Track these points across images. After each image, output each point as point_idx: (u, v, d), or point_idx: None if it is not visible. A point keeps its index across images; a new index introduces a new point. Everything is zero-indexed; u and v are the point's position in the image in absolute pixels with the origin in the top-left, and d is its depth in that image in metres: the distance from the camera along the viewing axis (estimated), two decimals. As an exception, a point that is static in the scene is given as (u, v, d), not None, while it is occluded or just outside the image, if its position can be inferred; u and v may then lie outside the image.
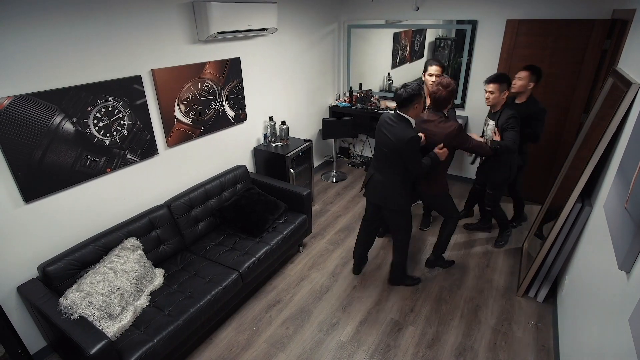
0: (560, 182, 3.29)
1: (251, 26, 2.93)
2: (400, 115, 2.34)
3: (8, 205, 1.97)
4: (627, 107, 1.96)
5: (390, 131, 2.35)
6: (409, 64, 4.39)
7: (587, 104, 3.41)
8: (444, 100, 2.37)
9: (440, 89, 2.34)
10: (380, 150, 2.47)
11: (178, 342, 2.10)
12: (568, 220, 2.35)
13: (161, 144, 2.69)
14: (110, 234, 2.33)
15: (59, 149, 2.10)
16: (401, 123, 2.33)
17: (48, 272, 2.05)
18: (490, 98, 2.75)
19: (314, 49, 4.18)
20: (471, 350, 2.31)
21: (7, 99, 1.83)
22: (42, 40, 1.94)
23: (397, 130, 2.30)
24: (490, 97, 2.74)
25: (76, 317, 1.86)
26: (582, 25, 3.19)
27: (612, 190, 1.85)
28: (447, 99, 2.36)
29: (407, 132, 2.27)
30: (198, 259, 2.61)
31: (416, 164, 2.35)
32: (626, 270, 1.45)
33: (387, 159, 2.41)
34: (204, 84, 2.87)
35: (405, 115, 2.33)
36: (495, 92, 2.70)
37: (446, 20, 3.91)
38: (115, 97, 2.31)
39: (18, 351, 1.78)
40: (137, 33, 2.37)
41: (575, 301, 2.12)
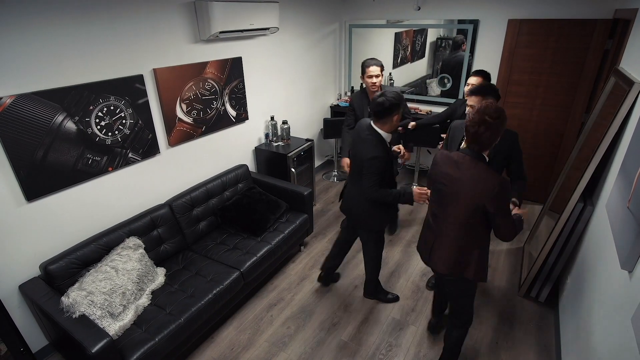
0: (561, 182, 3.28)
1: (253, 26, 2.93)
2: (374, 129, 2.10)
3: (10, 203, 1.97)
4: (630, 107, 1.95)
5: (361, 143, 2.14)
6: (410, 64, 4.38)
7: (588, 104, 3.40)
8: (490, 137, 1.57)
9: (486, 119, 1.53)
10: (354, 163, 2.27)
11: (179, 341, 2.10)
12: (570, 220, 2.34)
13: (163, 143, 2.70)
14: (112, 233, 2.33)
15: (61, 148, 2.10)
16: (372, 138, 2.08)
17: (50, 270, 2.06)
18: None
19: (316, 48, 4.18)
20: (473, 350, 2.31)
21: (9, 98, 1.84)
22: (44, 39, 1.94)
23: (365, 146, 2.09)
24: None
25: (78, 315, 1.86)
26: (584, 25, 3.19)
27: (614, 189, 1.84)
28: (496, 134, 1.57)
29: (371, 151, 2.05)
30: (199, 258, 2.61)
31: (369, 187, 2.10)
32: (629, 270, 1.44)
33: (359, 172, 2.18)
34: (205, 83, 2.87)
35: (380, 130, 2.09)
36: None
37: (447, 20, 3.90)
38: (117, 97, 2.31)
39: (20, 349, 1.78)
40: (139, 32, 2.37)
41: (577, 301, 2.11)
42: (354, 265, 3.08)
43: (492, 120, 1.54)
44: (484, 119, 1.54)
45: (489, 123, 1.54)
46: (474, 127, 1.55)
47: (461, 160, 1.65)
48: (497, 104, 1.66)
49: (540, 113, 3.64)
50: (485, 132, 1.54)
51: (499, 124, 1.55)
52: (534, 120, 3.68)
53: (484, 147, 1.61)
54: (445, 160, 1.73)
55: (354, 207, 2.34)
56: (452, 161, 1.69)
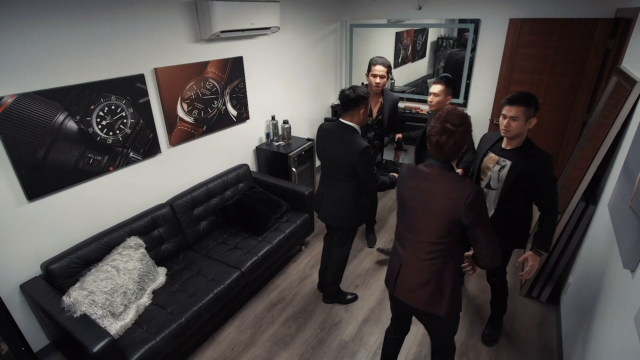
0: (563, 182, 3.28)
1: (254, 25, 2.93)
2: (345, 123, 2.10)
3: (11, 203, 1.97)
4: (632, 106, 1.95)
5: (338, 143, 2.11)
6: (411, 64, 4.38)
7: (590, 104, 3.39)
8: (454, 147, 1.43)
9: (448, 127, 1.40)
10: (331, 166, 2.22)
11: (180, 341, 2.10)
12: (572, 219, 2.34)
13: (164, 143, 2.69)
14: (113, 233, 2.33)
15: (62, 147, 2.10)
16: (349, 132, 2.08)
17: (51, 270, 2.06)
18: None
19: (316, 48, 4.18)
20: (474, 349, 2.30)
21: (11, 97, 1.84)
22: (45, 39, 1.94)
23: (348, 141, 2.06)
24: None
25: (79, 315, 1.86)
26: (585, 24, 3.18)
27: (616, 188, 1.84)
28: (461, 143, 1.43)
29: (360, 142, 2.04)
30: (200, 257, 2.61)
31: (373, 177, 2.10)
32: (631, 269, 1.44)
33: (341, 174, 2.17)
34: (206, 82, 2.87)
35: (350, 123, 2.09)
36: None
37: (448, 20, 3.90)
38: (118, 96, 2.31)
39: (21, 349, 1.78)
40: (140, 32, 2.37)
41: (579, 300, 2.11)
42: (355, 265, 3.08)
43: (454, 128, 1.40)
44: (445, 127, 1.40)
45: (451, 131, 1.40)
46: (436, 135, 1.42)
47: (429, 171, 1.50)
48: (459, 109, 1.47)
49: (542, 113, 3.56)
50: (448, 141, 1.40)
51: (462, 132, 1.41)
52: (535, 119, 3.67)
53: (449, 157, 1.46)
54: (413, 174, 1.55)
55: (336, 210, 2.29)
56: (419, 173, 1.52)
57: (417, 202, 1.51)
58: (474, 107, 4.05)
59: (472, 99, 4.03)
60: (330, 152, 2.19)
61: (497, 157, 1.92)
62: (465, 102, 4.07)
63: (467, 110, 4.10)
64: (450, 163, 1.49)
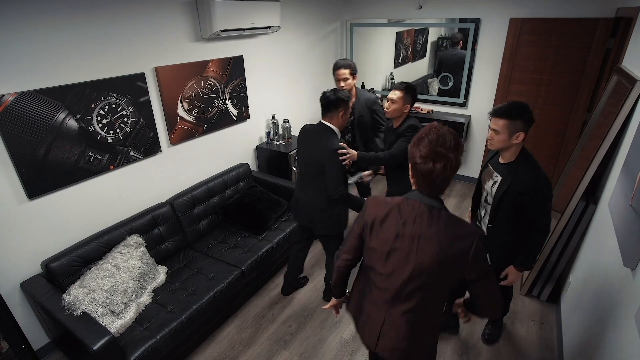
0: (563, 181, 3.28)
1: (254, 24, 2.93)
2: (324, 124, 2.10)
3: (12, 201, 1.97)
4: (632, 104, 1.95)
5: (313, 143, 2.10)
6: (411, 64, 4.38)
7: (590, 103, 3.39)
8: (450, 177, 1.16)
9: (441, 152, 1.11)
10: (305, 167, 2.21)
11: (181, 339, 2.10)
12: (572, 218, 2.34)
13: (164, 142, 2.69)
14: (113, 231, 2.33)
15: (63, 146, 2.10)
16: (327, 133, 2.08)
17: (51, 268, 2.06)
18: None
19: (317, 47, 4.18)
20: (474, 348, 2.30)
21: (11, 96, 1.84)
22: (46, 37, 1.94)
23: (321, 141, 2.06)
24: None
25: (79, 313, 1.87)
26: (585, 23, 3.18)
27: (617, 187, 1.84)
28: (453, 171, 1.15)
29: (333, 142, 2.03)
30: (201, 256, 2.61)
31: (336, 181, 2.04)
32: (632, 267, 1.44)
33: (313, 176, 2.14)
34: (207, 82, 2.87)
35: (329, 124, 2.09)
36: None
37: (449, 19, 3.90)
38: (119, 95, 2.31)
39: (22, 347, 1.78)
40: (141, 31, 2.37)
41: (579, 299, 2.11)
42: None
43: (448, 152, 1.10)
44: (437, 152, 1.09)
45: (445, 157, 1.09)
46: (425, 163, 1.11)
47: (411, 210, 1.18)
48: (448, 128, 1.16)
49: (542, 112, 3.63)
50: (444, 171, 1.10)
51: (457, 158, 1.12)
52: (536, 119, 3.66)
53: (440, 190, 1.18)
54: (385, 211, 1.22)
55: (316, 213, 2.22)
56: (396, 212, 1.20)
57: (396, 251, 1.20)
58: (474, 107, 4.05)
59: (472, 98, 4.03)
60: (304, 153, 2.18)
61: (493, 170, 1.81)
62: (466, 102, 4.07)
63: (467, 110, 4.10)
64: (440, 198, 1.20)
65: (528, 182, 1.64)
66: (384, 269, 1.26)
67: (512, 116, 1.62)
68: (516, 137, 1.64)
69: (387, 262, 1.24)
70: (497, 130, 1.66)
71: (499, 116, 1.64)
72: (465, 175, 4.40)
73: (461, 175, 4.42)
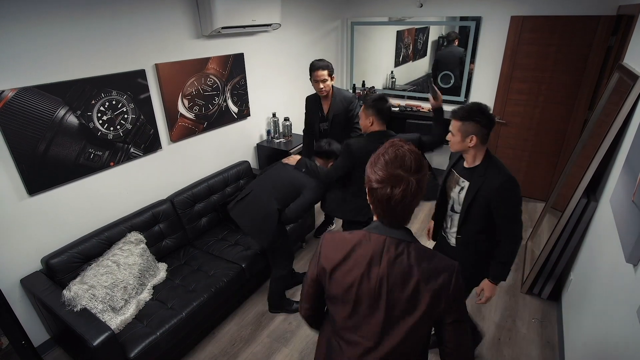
0: (564, 180, 3.27)
1: (255, 21, 2.92)
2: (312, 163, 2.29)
3: (12, 197, 1.97)
4: (634, 101, 1.94)
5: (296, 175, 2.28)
6: (411, 63, 4.37)
7: (591, 101, 3.39)
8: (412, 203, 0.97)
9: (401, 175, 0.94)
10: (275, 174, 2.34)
11: (181, 336, 2.10)
12: (573, 216, 2.33)
13: (164, 139, 2.69)
14: (114, 228, 2.33)
15: (63, 142, 2.10)
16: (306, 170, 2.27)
17: (51, 264, 2.05)
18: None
19: (317, 45, 4.17)
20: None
21: (11, 91, 1.84)
22: (46, 33, 1.94)
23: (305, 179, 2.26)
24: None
25: (79, 309, 1.86)
26: (587, 21, 3.17)
27: (618, 184, 1.83)
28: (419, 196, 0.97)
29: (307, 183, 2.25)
30: (201, 253, 2.61)
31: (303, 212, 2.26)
32: (634, 263, 1.43)
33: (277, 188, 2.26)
34: (207, 79, 2.87)
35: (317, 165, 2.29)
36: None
37: (449, 17, 3.89)
38: (119, 91, 2.31)
39: (22, 342, 1.78)
40: (141, 27, 2.37)
41: (581, 296, 2.10)
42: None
43: (410, 176, 0.93)
44: (397, 176, 0.92)
45: (407, 181, 0.92)
46: (384, 188, 0.93)
47: (380, 244, 0.99)
48: (410, 146, 0.99)
49: (543, 110, 3.62)
50: (403, 198, 0.93)
51: (421, 181, 0.95)
52: (537, 117, 3.67)
53: (403, 220, 1.00)
54: (350, 251, 1.02)
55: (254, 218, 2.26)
56: (363, 250, 1.00)
57: (363, 298, 1.01)
58: (475, 105, 4.03)
59: (473, 97, 4.02)
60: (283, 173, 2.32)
61: (459, 176, 1.71)
62: (466, 101, 4.07)
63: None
64: (407, 228, 1.02)
65: (498, 184, 1.53)
66: (350, 321, 1.05)
67: (463, 118, 1.55)
68: (470, 139, 1.55)
69: (354, 312, 1.03)
70: (452, 131, 1.61)
71: (454, 118, 1.59)
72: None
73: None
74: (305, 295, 1.17)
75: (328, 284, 1.06)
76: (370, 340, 1.04)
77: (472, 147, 1.58)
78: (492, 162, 1.60)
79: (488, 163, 1.60)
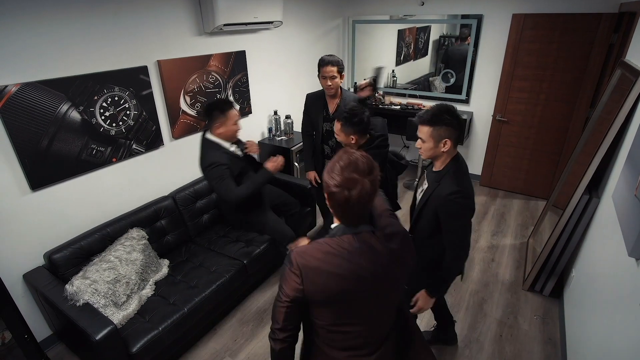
0: (565, 178, 3.27)
1: (257, 19, 2.93)
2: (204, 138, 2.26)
3: (15, 192, 1.98)
4: (637, 96, 1.94)
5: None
6: (413, 62, 4.38)
7: (593, 99, 3.38)
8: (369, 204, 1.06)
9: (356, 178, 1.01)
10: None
11: (183, 331, 2.10)
12: (575, 212, 2.33)
13: (166, 135, 2.70)
14: (116, 224, 2.33)
15: (66, 138, 2.10)
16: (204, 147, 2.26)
17: (54, 259, 2.06)
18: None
19: (319, 43, 4.18)
20: (477, 342, 2.30)
21: (15, 86, 1.84)
22: (49, 29, 1.94)
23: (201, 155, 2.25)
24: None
25: (82, 303, 1.87)
26: (589, 19, 3.17)
27: (621, 179, 1.83)
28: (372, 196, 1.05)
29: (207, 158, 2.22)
30: (203, 250, 2.61)
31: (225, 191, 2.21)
32: (636, 257, 1.43)
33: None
34: (209, 76, 2.87)
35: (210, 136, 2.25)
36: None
37: (451, 15, 3.89)
38: (122, 87, 2.31)
39: (25, 337, 1.78)
40: (144, 24, 2.37)
41: (583, 293, 2.10)
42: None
43: (363, 178, 1.00)
44: (352, 179, 1.00)
45: (362, 183, 1.00)
46: (342, 192, 1.00)
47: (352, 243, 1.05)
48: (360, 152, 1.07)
49: (544, 108, 3.62)
50: (360, 198, 1.00)
51: (374, 181, 1.03)
52: (538, 115, 3.67)
53: (361, 219, 1.07)
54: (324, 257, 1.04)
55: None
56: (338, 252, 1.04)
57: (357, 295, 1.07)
58: (477, 104, 4.04)
59: (475, 95, 4.02)
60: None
61: (425, 178, 1.70)
62: (468, 99, 4.07)
63: (469, 106, 4.09)
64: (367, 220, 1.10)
65: (445, 194, 1.48)
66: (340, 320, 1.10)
67: (434, 122, 1.48)
68: (443, 144, 1.49)
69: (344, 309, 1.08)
70: (422, 138, 1.53)
71: (423, 123, 1.51)
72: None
73: (463, 172, 4.40)
74: (283, 323, 1.09)
75: (313, 294, 1.06)
76: (374, 333, 1.14)
77: (445, 152, 1.51)
78: (453, 169, 1.52)
79: (449, 169, 1.53)
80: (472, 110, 4.09)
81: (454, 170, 1.52)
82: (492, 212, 3.74)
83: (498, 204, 3.89)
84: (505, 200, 3.96)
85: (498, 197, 4.01)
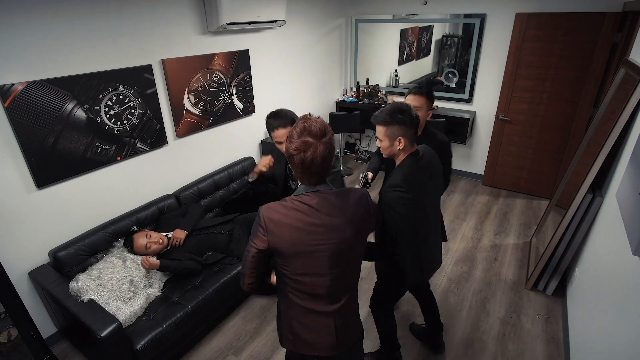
0: (569, 177, 3.27)
1: (260, 18, 2.94)
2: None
3: (21, 190, 1.99)
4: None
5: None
6: (415, 61, 4.38)
7: (596, 98, 3.38)
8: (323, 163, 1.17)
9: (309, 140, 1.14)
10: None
11: (187, 329, 2.11)
12: (578, 211, 2.33)
13: (171, 134, 2.71)
14: (120, 222, 2.35)
15: (71, 136, 2.11)
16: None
17: (59, 257, 2.07)
18: None
19: (322, 43, 4.18)
20: (480, 341, 2.30)
21: (21, 85, 1.86)
22: (55, 28, 1.96)
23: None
24: None
25: (87, 300, 1.88)
26: (592, 18, 3.17)
27: (625, 177, 1.83)
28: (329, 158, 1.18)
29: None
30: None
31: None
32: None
33: None
34: (213, 75, 2.89)
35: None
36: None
37: (453, 15, 3.89)
38: (126, 86, 2.33)
39: (31, 333, 1.80)
40: (148, 23, 2.38)
41: (586, 292, 2.10)
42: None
43: (317, 141, 1.13)
44: (307, 142, 1.12)
45: (315, 146, 1.12)
46: (299, 154, 1.13)
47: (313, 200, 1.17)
48: (317, 117, 1.18)
49: (547, 108, 3.62)
50: (314, 159, 1.12)
51: (328, 144, 1.15)
52: (541, 114, 3.67)
53: (320, 178, 1.19)
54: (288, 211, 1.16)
55: None
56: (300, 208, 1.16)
57: (316, 247, 1.17)
58: (480, 103, 4.04)
59: (478, 94, 4.02)
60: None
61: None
62: (471, 98, 4.07)
63: (472, 106, 4.09)
64: (326, 181, 1.22)
65: (385, 185, 1.52)
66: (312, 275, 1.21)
67: (387, 122, 1.49)
68: (398, 142, 1.49)
69: (311, 262, 1.19)
70: (379, 138, 1.54)
71: (378, 123, 1.52)
72: (469, 171, 4.39)
73: (465, 171, 4.41)
74: (249, 270, 1.23)
75: (279, 246, 1.17)
76: (333, 282, 1.23)
77: (402, 150, 1.51)
78: (406, 165, 1.53)
79: (403, 165, 1.54)
80: (475, 110, 4.09)
81: (406, 166, 1.53)
82: (495, 211, 3.74)
83: (501, 203, 3.89)
84: (508, 199, 3.96)
85: (501, 197, 4.01)
